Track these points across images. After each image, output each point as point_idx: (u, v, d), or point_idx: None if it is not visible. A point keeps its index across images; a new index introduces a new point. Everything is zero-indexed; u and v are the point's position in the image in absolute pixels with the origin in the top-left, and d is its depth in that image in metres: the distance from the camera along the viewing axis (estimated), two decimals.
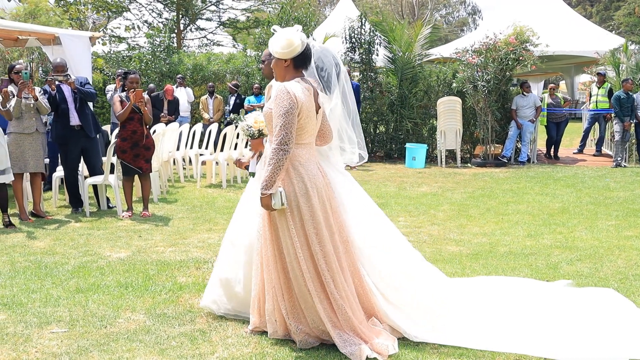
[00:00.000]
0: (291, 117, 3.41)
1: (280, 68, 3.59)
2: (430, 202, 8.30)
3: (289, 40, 3.51)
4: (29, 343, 3.69)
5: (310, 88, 3.56)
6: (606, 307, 4.06)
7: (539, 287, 4.48)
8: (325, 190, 3.61)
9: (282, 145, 3.41)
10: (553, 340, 3.55)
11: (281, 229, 3.52)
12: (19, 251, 5.86)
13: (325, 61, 3.77)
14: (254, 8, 19.47)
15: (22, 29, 10.68)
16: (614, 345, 3.47)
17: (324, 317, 3.46)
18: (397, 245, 3.92)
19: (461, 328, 3.71)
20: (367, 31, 13.62)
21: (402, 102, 13.57)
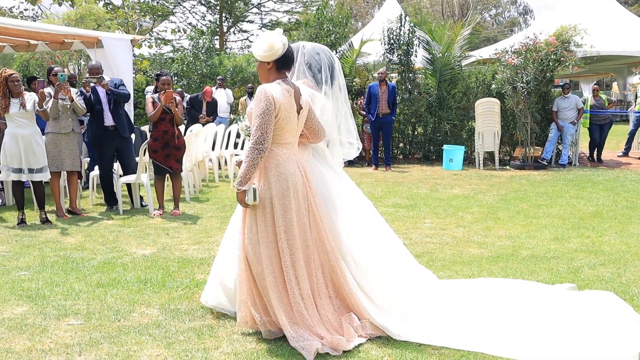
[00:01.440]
0: (268, 117, 3.52)
1: (263, 70, 3.71)
2: (460, 205, 8.23)
3: (270, 43, 3.60)
4: (44, 334, 3.85)
5: (291, 90, 3.64)
6: (603, 311, 3.99)
7: (538, 290, 4.41)
8: (303, 189, 3.70)
9: (258, 145, 3.52)
10: (542, 344, 3.51)
11: (250, 224, 3.65)
12: (50, 246, 6.09)
13: (319, 59, 3.87)
14: (296, 10, 19.63)
15: (67, 32, 11.07)
16: (606, 350, 3.41)
17: (280, 314, 3.55)
18: (389, 245, 3.94)
19: (452, 329, 3.71)
20: (406, 32, 13.57)
21: (440, 103, 13.48)
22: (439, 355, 3.48)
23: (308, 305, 3.60)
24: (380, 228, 4.00)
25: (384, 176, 11.26)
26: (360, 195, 4.07)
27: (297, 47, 3.98)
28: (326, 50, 3.99)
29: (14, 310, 4.28)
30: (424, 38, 13.74)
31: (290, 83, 3.69)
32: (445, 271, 5.15)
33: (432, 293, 3.98)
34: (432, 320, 3.78)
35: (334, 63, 3.98)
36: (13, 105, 6.86)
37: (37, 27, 10.80)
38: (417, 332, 3.66)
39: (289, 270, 3.58)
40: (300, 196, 3.67)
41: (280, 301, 3.59)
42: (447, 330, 3.70)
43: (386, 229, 4.04)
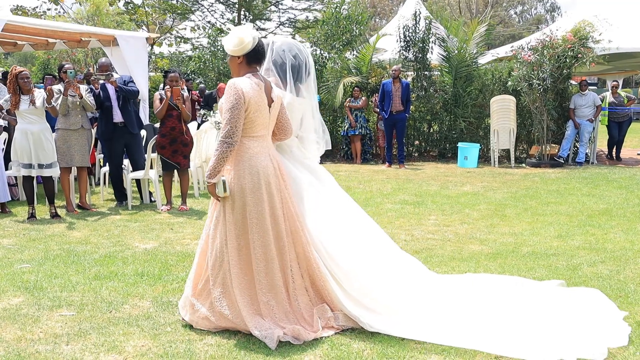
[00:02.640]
0: (237, 111, 3.55)
1: (234, 64, 3.75)
2: (468, 202, 8.18)
3: (240, 37, 3.64)
4: (36, 324, 3.93)
5: (261, 83, 3.67)
6: (585, 307, 3.95)
7: (525, 286, 4.38)
8: (277, 181, 3.72)
9: (227, 139, 3.57)
10: (517, 338, 3.49)
11: (219, 216, 3.70)
12: (56, 240, 6.20)
13: (284, 56, 3.87)
14: (313, 8, 19.65)
15: (84, 31, 11.26)
16: (577, 345, 3.39)
17: (242, 305, 3.58)
18: (366, 238, 3.98)
19: (427, 322, 3.70)
20: (422, 29, 13.52)
21: (456, 100, 13.40)
22: (421, 349, 3.48)
23: (277, 295, 3.62)
24: (358, 221, 4.03)
25: (396, 173, 11.23)
26: (336, 190, 4.08)
27: (267, 43, 3.99)
28: (296, 47, 3.96)
29: (10, 300, 4.38)
30: (440, 35, 13.68)
31: (261, 77, 3.72)
32: (443, 267, 5.13)
33: (410, 285, 3.99)
34: (407, 313, 3.77)
35: (303, 61, 3.94)
36: (23, 102, 7.00)
37: (54, 26, 10.98)
38: (389, 324, 3.67)
39: (259, 262, 3.61)
40: (274, 188, 3.70)
41: (242, 292, 3.62)
42: (422, 323, 3.69)
43: (365, 222, 4.07)
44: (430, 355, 3.41)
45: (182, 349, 3.53)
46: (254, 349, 3.51)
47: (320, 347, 3.53)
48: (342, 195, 4.11)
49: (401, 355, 3.42)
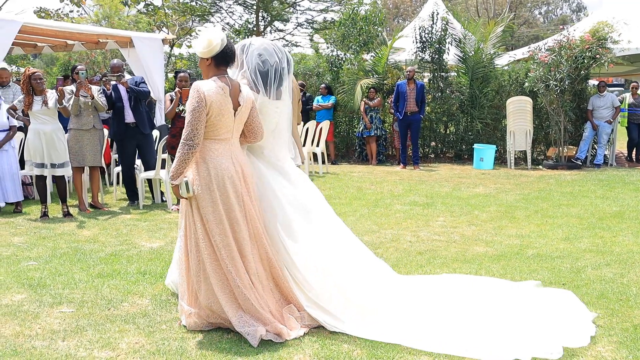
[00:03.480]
0: (197, 114, 3.59)
1: (204, 66, 3.79)
2: (478, 203, 8.13)
3: (209, 40, 3.67)
4: (35, 320, 4.00)
5: (226, 87, 3.68)
6: (551, 308, 3.99)
7: (498, 287, 4.37)
8: (238, 184, 3.73)
9: (187, 141, 3.62)
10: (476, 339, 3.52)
11: (187, 216, 3.76)
12: (65, 238, 6.30)
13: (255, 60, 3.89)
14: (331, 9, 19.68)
15: (100, 32, 11.40)
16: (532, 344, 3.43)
17: (224, 301, 3.62)
18: (332, 241, 3.99)
19: (392, 324, 3.71)
20: (438, 30, 13.46)
21: (472, 102, 13.32)
22: (410, 351, 3.47)
23: (251, 292, 3.65)
24: (327, 225, 4.04)
25: (410, 175, 11.20)
26: (308, 193, 4.07)
27: (244, 44, 4.00)
28: (273, 50, 3.94)
29: (13, 297, 4.46)
30: (457, 36, 13.61)
31: (228, 80, 3.74)
32: (444, 268, 5.11)
33: (375, 288, 4.00)
34: (370, 315, 3.79)
35: (279, 65, 3.92)
36: (36, 103, 7.12)
37: (70, 28, 11.15)
38: (352, 325, 3.70)
39: (227, 262, 3.64)
40: (231, 191, 3.70)
41: (222, 289, 3.66)
42: (385, 324, 3.71)
43: (335, 226, 4.09)
44: (420, 357, 3.41)
45: (175, 346, 3.57)
46: (244, 347, 3.54)
47: (311, 346, 3.55)
48: (313, 199, 4.10)
49: (391, 356, 3.42)
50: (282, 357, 3.42)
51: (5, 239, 6.29)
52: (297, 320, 3.74)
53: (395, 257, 5.52)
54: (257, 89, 3.91)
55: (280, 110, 4.03)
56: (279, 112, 4.03)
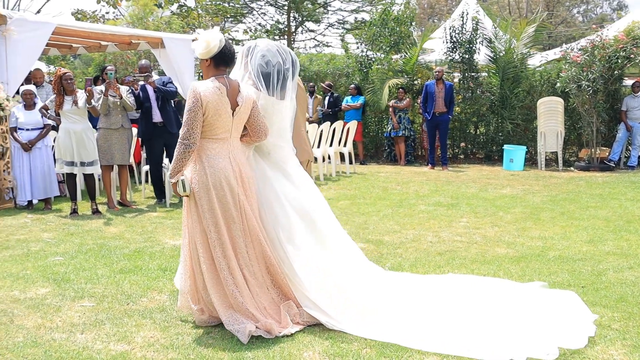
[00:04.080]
0: (194, 114, 3.66)
1: (203, 67, 3.87)
2: (504, 205, 8.06)
3: (207, 41, 3.74)
4: (57, 313, 4.12)
5: (224, 87, 3.73)
6: (551, 309, 3.99)
7: (504, 288, 4.36)
8: (234, 183, 3.77)
9: (184, 140, 3.69)
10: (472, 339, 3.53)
11: (186, 214, 3.85)
12: (92, 235, 6.45)
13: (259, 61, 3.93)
14: (362, 9, 19.69)
15: (132, 33, 11.61)
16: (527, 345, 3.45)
17: (215, 299, 3.70)
18: (332, 243, 4.03)
19: (392, 324, 3.74)
20: (469, 30, 13.37)
21: (503, 102, 13.19)
22: (420, 350, 3.49)
23: (242, 291, 3.71)
24: (328, 228, 4.07)
25: (437, 175, 11.15)
26: (310, 195, 4.10)
27: (250, 46, 4.05)
28: (277, 51, 3.97)
29: (38, 291, 4.60)
30: (487, 36, 13.49)
31: (227, 80, 3.78)
32: (462, 269, 5.10)
33: (375, 288, 4.04)
34: (371, 315, 3.81)
35: (281, 67, 3.95)
36: (66, 102, 7.30)
37: (102, 29, 11.40)
38: (351, 325, 3.74)
39: (221, 260, 3.71)
40: (227, 190, 3.75)
41: (215, 287, 3.73)
42: (385, 324, 3.74)
43: (330, 226, 4.12)
44: (428, 356, 3.42)
45: (188, 340, 3.65)
46: (255, 343, 3.59)
47: (321, 344, 3.58)
48: (315, 202, 4.12)
49: (400, 354, 3.44)
50: (292, 353, 3.47)
51: (36, 235, 6.47)
52: (295, 316, 3.79)
53: (414, 257, 5.53)
54: (261, 88, 3.96)
55: (283, 110, 4.07)
56: (283, 112, 4.07)
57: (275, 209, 3.94)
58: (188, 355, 3.46)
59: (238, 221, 3.77)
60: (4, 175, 7.96)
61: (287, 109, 4.09)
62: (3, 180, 7.96)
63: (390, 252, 5.69)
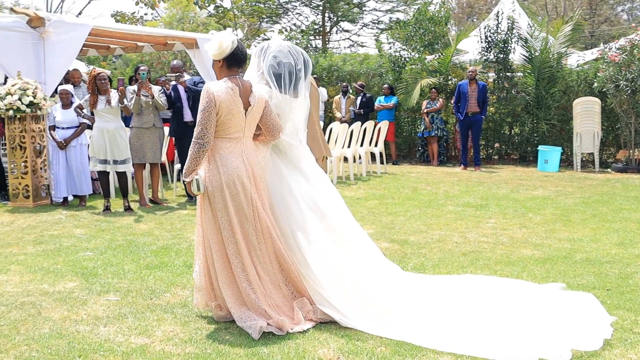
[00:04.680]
0: (207, 114, 3.72)
1: (216, 68, 3.93)
2: (534, 206, 7.96)
3: (220, 42, 3.80)
4: (82, 307, 4.24)
5: (236, 88, 3.78)
6: (567, 311, 3.96)
7: (522, 289, 4.32)
8: (247, 181, 3.82)
9: (198, 139, 3.76)
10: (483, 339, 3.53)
11: (200, 212, 3.92)
12: (122, 231, 6.60)
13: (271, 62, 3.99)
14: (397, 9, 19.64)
15: (167, 34, 11.81)
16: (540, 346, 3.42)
17: (227, 297, 3.77)
18: (348, 242, 4.05)
19: (409, 323, 3.74)
20: (504, 30, 13.23)
21: (538, 102, 13.01)
22: (434, 349, 3.49)
23: (256, 288, 3.76)
24: (344, 227, 4.10)
25: (469, 176, 11.06)
26: (325, 193, 4.13)
27: (263, 46, 4.11)
28: (288, 52, 4.03)
29: (66, 284, 4.74)
30: (523, 35, 13.33)
31: (239, 81, 3.84)
32: (485, 270, 5.07)
33: (394, 287, 4.04)
34: (387, 313, 3.82)
35: (293, 67, 4.01)
36: (100, 102, 7.48)
37: (138, 30, 11.62)
38: (367, 323, 3.75)
39: (234, 258, 3.77)
40: (240, 189, 3.80)
41: (228, 284, 3.80)
42: (404, 324, 3.74)
43: (346, 224, 4.14)
44: (442, 355, 3.42)
45: (206, 335, 3.72)
46: (271, 339, 3.64)
47: (337, 341, 3.61)
48: (330, 200, 4.15)
49: (414, 353, 3.45)
50: (307, 350, 3.50)
51: (68, 231, 6.65)
52: (309, 313, 3.83)
53: (438, 257, 5.51)
54: (274, 88, 4.02)
55: (297, 109, 4.12)
56: (296, 110, 4.12)
57: (290, 207, 4.00)
58: (205, 349, 3.52)
59: (251, 219, 3.83)
60: (40, 172, 8.20)
61: (300, 107, 4.14)
62: (40, 177, 8.20)
63: (414, 252, 5.69)
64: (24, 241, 6.17)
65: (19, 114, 7.88)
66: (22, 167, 8.07)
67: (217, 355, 3.44)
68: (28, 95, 7.83)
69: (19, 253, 5.70)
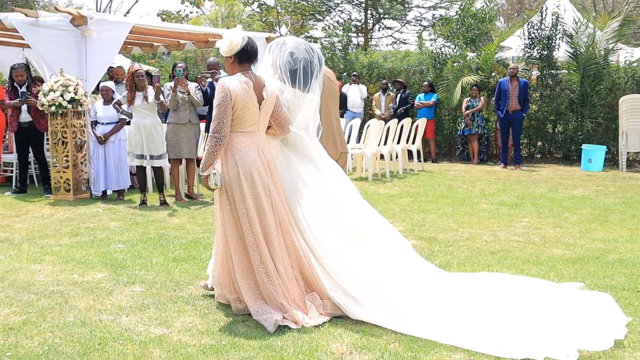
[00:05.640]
0: (224, 108, 3.76)
1: (228, 64, 3.99)
2: (572, 205, 7.79)
3: (230, 39, 3.86)
4: (108, 297, 4.36)
5: (250, 82, 3.84)
6: (581, 310, 3.90)
7: (538, 288, 4.23)
8: (264, 174, 3.87)
9: (215, 133, 3.81)
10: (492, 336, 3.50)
11: (218, 206, 3.96)
12: (155, 225, 6.74)
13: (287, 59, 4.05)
14: (440, 6, 19.42)
15: (207, 32, 11.98)
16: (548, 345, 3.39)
17: (244, 290, 3.82)
18: (365, 233, 4.05)
19: (425, 320, 3.72)
20: (548, 26, 12.96)
21: (583, 100, 12.70)
22: (447, 345, 3.46)
23: (274, 281, 3.79)
24: (358, 216, 4.11)
25: (508, 175, 10.88)
26: (338, 184, 4.16)
27: (278, 43, 4.16)
28: (303, 49, 4.09)
29: (95, 275, 4.87)
30: (568, 31, 13.02)
31: (252, 75, 3.90)
32: (511, 269, 4.99)
33: (414, 284, 4.00)
34: (404, 310, 3.80)
35: (307, 64, 4.07)
36: (137, 98, 7.64)
37: (179, 28, 11.84)
38: (373, 315, 3.77)
39: (253, 250, 3.81)
40: (258, 181, 3.85)
41: (245, 277, 3.85)
42: (420, 321, 3.72)
43: (367, 218, 4.14)
44: (456, 352, 3.39)
45: (223, 327, 3.78)
46: (286, 332, 3.67)
47: (351, 336, 3.62)
48: (345, 190, 4.18)
49: (427, 349, 3.43)
50: (320, 344, 3.52)
51: (104, 224, 6.83)
52: (319, 308, 3.85)
53: (465, 255, 5.46)
54: (287, 83, 4.08)
55: (309, 104, 4.19)
56: (308, 105, 4.19)
57: (303, 198, 4.03)
58: (220, 341, 3.58)
59: (269, 212, 3.87)
60: (81, 167, 8.44)
61: (312, 103, 4.21)
62: (80, 171, 8.43)
63: (442, 250, 5.64)
64: (61, 233, 6.36)
65: (60, 109, 8.12)
66: (64, 161, 8.31)
67: (231, 347, 3.50)
68: (69, 92, 8.06)
69: (55, 244, 5.89)
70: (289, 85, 4.10)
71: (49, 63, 8.51)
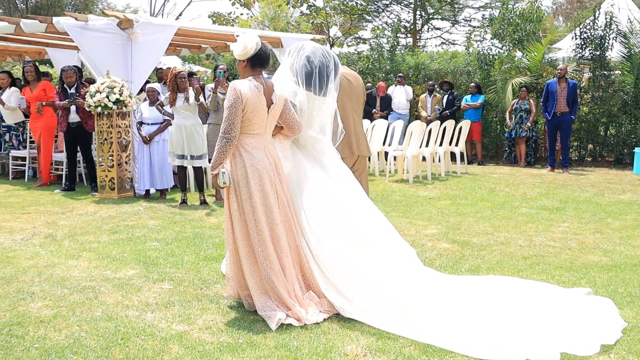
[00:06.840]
0: (234, 110, 3.86)
1: (241, 68, 4.08)
2: (617, 211, 7.56)
3: (244, 43, 3.95)
4: (137, 293, 4.48)
5: (261, 86, 3.93)
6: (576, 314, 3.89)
7: (543, 292, 4.21)
8: (271, 174, 3.98)
9: (225, 134, 3.90)
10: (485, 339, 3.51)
11: (227, 204, 4.05)
12: (192, 224, 6.87)
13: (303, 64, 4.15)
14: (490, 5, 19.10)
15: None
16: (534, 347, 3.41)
17: (252, 285, 3.90)
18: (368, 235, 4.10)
19: (424, 322, 3.74)
20: (601, 26, 12.60)
21: (637, 102, 12.31)
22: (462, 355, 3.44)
23: (279, 277, 3.88)
24: (362, 218, 4.16)
25: (554, 178, 10.63)
26: (345, 186, 4.22)
27: (297, 47, 4.27)
28: (320, 54, 4.20)
29: (127, 272, 5.02)
30: (622, 31, 12.63)
31: (263, 80, 4.00)
32: (542, 275, 4.89)
33: (415, 285, 4.02)
34: (404, 310, 3.83)
35: (324, 69, 4.17)
36: (179, 99, 7.81)
37: (225, 30, 12.00)
38: (365, 315, 3.83)
39: (258, 248, 3.90)
40: (266, 181, 3.95)
41: (252, 274, 3.94)
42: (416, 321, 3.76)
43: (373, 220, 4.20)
44: (470, 358, 3.36)
45: (244, 325, 3.85)
46: (302, 332, 3.71)
47: (367, 339, 3.63)
48: (352, 193, 4.24)
49: (442, 355, 3.41)
50: (335, 345, 3.55)
51: (143, 222, 7.00)
52: (317, 305, 3.94)
53: (496, 260, 5.38)
54: (302, 86, 4.19)
55: (324, 107, 4.28)
56: (324, 108, 4.28)
57: (306, 198, 4.11)
58: (238, 339, 3.64)
59: (276, 209, 3.97)
60: (125, 166, 8.68)
61: (328, 106, 4.30)
62: (124, 170, 8.67)
63: (473, 254, 5.58)
64: (101, 230, 6.56)
65: (106, 110, 8.37)
66: (109, 160, 8.57)
67: (247, 346, 3.55)
68: (115, 93, 8.30)
69: (94, 241, 6.08)
70: (303, 88, 4.18)
71: (96, 65, 8.78)
